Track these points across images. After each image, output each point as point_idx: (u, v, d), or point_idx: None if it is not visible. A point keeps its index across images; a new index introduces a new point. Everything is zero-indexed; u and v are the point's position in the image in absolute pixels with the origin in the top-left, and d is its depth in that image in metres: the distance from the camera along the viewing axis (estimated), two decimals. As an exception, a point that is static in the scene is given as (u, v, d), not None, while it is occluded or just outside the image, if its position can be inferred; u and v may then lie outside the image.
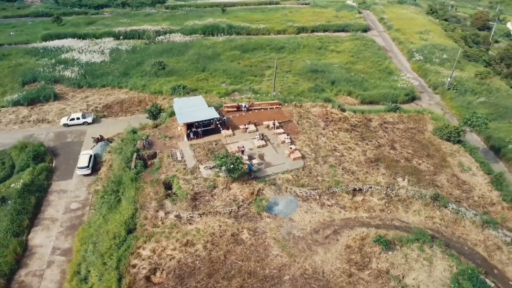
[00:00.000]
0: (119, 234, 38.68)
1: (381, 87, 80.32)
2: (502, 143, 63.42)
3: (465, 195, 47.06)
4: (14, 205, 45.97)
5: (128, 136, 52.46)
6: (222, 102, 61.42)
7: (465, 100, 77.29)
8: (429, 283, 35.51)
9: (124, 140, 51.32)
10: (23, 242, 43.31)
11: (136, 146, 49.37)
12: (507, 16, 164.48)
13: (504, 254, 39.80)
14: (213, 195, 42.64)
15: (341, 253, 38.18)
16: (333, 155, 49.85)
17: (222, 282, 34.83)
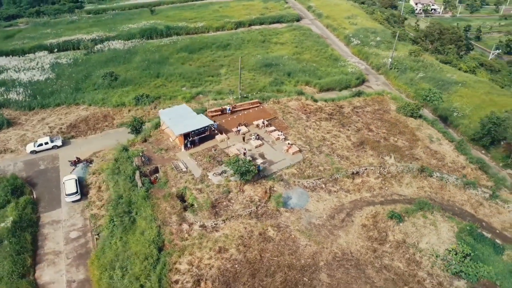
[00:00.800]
0: (150, 254, 38.59)
1: (333, 74, 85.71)
2: (447, 113, 72.11)
3: (441, 163, 53.74)
4: (11, 245, 43.31)
5: (121, 154, 51.11)
6: (203, 108, 61.89)
7: (407, 77, 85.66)
8: (440, 244, 40.87)
9: (119, 160, 49.98)
10: (32, 282, 41.32)
11: (134, 164, 48.49)
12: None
13: (487, 208, 46.76)
14: (229, 200, 43.98)
15: (360, 233, 42.10)
16: (324, 144, 53.58)
17: (267, 280, 36.83)
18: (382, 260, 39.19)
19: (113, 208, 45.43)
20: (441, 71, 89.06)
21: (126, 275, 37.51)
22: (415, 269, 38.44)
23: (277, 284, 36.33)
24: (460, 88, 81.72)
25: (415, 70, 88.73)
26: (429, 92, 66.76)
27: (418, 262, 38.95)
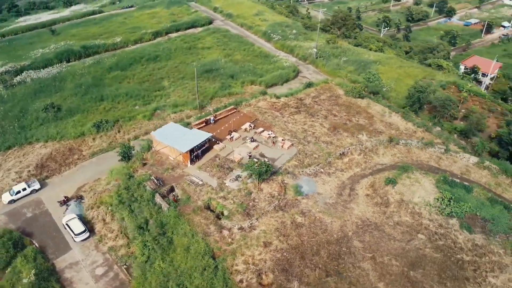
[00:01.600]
0: (207, 264, 41.64)
1: (271, 70, 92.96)
2: (377, 89, 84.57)
3: (398, 132, 64.73)
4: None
5: (127, 183, 51.68)
6: (184, 122, 64.06)
7: (333, 63, 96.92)
8: (428, 195, 51.02)
9: (131, 188, 50.64)
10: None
11: (149, 188, 49.82)
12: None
13: (446, 161, 58.62)
14: (253, 200, 48.55)
15: (367, 202, 50.30)
16: (307, 134, 60.58)
17: (315, 258, 42.83)
18: (392, 219, 47.78)
19: (141, 234, 46.58)
20: (358, 53, 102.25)
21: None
22: (419, 219, 47.81)
23: (325, 259, 42.49)
24: (378, 66, 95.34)
25: (337, 56, 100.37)
26: (369, 75, 77.91)
27: (419, 213, 48.41)
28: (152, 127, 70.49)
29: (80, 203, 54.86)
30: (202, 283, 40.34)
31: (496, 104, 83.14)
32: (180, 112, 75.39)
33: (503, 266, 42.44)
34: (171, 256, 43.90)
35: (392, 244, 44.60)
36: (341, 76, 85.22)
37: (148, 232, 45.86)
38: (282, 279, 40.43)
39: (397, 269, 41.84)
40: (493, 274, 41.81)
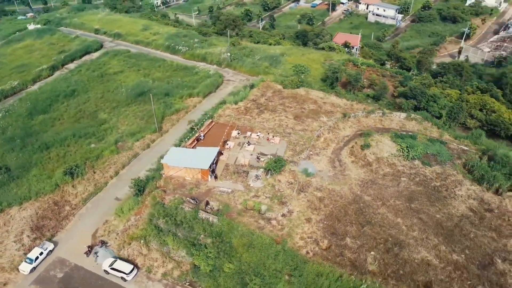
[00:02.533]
0: (276, 250, 50.20)
1: (200, 80, 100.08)
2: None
3: (341, 108, 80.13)
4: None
5: (161, 212, 55.46)
6: (177, 144, 68.13)
7: (249, 62, 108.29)
8: (391, 149, 67.33)
9: (168, 217, 54.56)
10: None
11: (188, 209, 54.81)
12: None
13: (386, 121, 76.17)
14: (279, 190, 58.00)
15: (355, 166, 64.21)
16: (284, 127, 71.42)
17: (347, 217, 54.86)
18: (379, 172, 62.62)
19: (199, 249, 52.16)
20: (264, 50, 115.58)
21: (264, 277, 47.96)
22: (395, 167, 63.66)
23: (353, 216, 54.88)
24: (286, 58, 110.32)
25: (248, 55, 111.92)
26: (299, 67, 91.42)
27: (393, 164, 64.26)
28: (125, 159, 72.73)
29: (106, 247, 56.49)
30: (278, 266, 48.70)
31: (385, 69, 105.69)
32: (142, 139, 78.02)
33: (460, 181, 60.79)
34: (236, 257, 50.72)
35: (389, 190, 59.23)
36: (272, 73, 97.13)
37: (205, 245, 51.34)
38: (334, 240, 51.40)
39: (402, 206, 56.60)
40: (457, 188, 59.71)
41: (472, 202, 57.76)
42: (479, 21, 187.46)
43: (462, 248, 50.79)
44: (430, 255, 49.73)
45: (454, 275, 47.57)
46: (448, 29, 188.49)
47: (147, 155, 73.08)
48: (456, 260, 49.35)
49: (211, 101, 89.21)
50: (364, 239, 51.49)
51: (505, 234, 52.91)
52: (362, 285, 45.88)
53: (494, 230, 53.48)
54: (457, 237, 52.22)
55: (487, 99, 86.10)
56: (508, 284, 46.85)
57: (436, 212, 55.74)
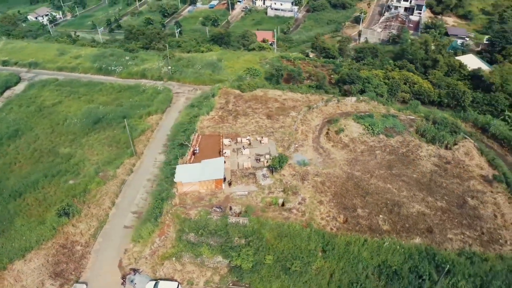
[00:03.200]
0: (308, 234, 57.91)
1: (152, 97, 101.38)
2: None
3: (300, 102, 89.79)
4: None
5: (191, 227, 58.99)
6: (180, 162, 70.54)
7: (191, 71, 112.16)
8: (358, 129, 78.90)
9: (200, 229, 58.32)
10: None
11: (216, 218, 59.34)
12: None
13: (342, 106, 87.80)
14: (286, 183, 65.52)
15: (336, 149, 74.46)
16: (264, 128, 78.43)
17: (350, 193, 64.64)
18: (356, 150, 73.72)
19: (237, 251, 57.45)
20: (201, 58, 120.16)
21: (302, 258, 55.40)
22: (368, 143, 75.36)
23: (354, 190, 64.94)
24: (225, 63, 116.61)
25: (187, 65, 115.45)
26: (252, 71, 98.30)
27: (365, 141, 75.89)
28: (115, 188, 73.54)
29: (140, 273, 58.83)
30: (311, 246, 56.47)
31: (315, 60, 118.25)
32: (122, 165, 78.96)
33: (419, 145, 74.78)
34: (273, 248, 57.24)
35: (371, 163, 70.58)
36: (219, 80, 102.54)
37: (240, 246, 56.71)
38: (348, 213, 60.91)
39: (386, 174, 68.33)
40: (419, 151, 73.46)
41: (434, 159, 71.79)
42: (365, 5, 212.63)
43: (441, 196, 63.96)
44: (422, 207, 61.87)
45: (443, 217, 60.26)
46: (341, 15, 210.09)
47: (134, 180, 74.27)
48: (441, 206, 62.25)
49: (171, 116, 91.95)
50: (369, 207, 61.68)
51: (465, 178, 67.61)
52: (385, 243, 55.82)
53: (457, 177, 67.87)
54: (434, 189, 65.31)
55: (407, 74, 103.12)
56: (481, 214, 60.92)
57: (412, 173, 68.44)
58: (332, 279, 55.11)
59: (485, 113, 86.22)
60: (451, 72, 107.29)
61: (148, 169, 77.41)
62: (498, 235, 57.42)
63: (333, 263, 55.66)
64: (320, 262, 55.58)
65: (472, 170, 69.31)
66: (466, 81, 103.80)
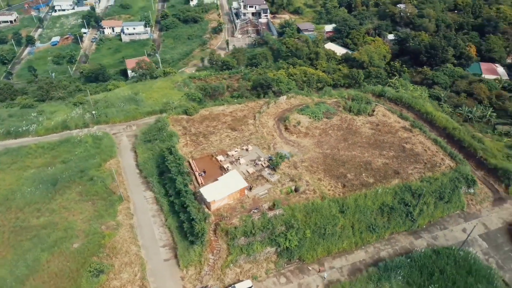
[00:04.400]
0: (329, 206, 74.52)
1: (97, 144, 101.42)
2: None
3: (246, 108, 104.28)
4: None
5: (240, 233, 68.99)
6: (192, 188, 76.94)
7: (114, 111, 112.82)
8: (309, 118, 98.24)
9: (250, 232, 68.72)
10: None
11: (257, 218, 70.68)
12: None
13: (295, 103, 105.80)
14: (289, 175, 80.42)
15: (301, 138, 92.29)
16: (239, 138, 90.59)
17: (334, 166, 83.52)
18: (316, 135, 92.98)
19: (282, 237, 70.55)
20: (116, 96, 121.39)
21: (330, 222, 72.46)
22: (321, 127, 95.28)
23: (336, 163, 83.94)
24: (143, 95, 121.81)
25: (107, 107, 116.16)
26: (192, 95, 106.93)
27: (317, 126, 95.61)
28: (129, 233, 77.00)
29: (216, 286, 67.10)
30: (334, 211, 73.44)
31: (222, 74, 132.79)
32: (119, 213, 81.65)
33: (352, 118, 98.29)
34: (307, 224, 72.18)
35: (331, 141, 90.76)
36: (151, 112, 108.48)
37: (283, 232, 69.87)
38: (342, 180, 79.74)
39: (347, 145, 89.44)
40: (355, 122, 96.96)
41: (367, 125, 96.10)
42: (215, 16, 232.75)
43: (388, 148, 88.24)
44: (382, 159, 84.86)
45: (399, 161, 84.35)
46: (196, 29, 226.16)
47: (141, 220, 78.62)
48: (392, 155, 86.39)
49: (128, 156, 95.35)
50: (352, 171, 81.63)
51: (394, 132, 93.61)
52: (378, 190, 76.44)
53: (389, 133, 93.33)
54: (381, 145, 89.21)
55: (304, 68, 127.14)
56: (418, 152, 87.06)
57: (361, 139, 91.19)
58: (353, 229, 72.94)
59: (375, 84, 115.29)
60: (329, 59, 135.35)
61: (145, 207, 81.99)
62: (434, 161, 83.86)
63: (350, 218, 73.60)
64: (342, 220, 72.83)
65: (394, 125, 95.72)
66: (343, 64, 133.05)
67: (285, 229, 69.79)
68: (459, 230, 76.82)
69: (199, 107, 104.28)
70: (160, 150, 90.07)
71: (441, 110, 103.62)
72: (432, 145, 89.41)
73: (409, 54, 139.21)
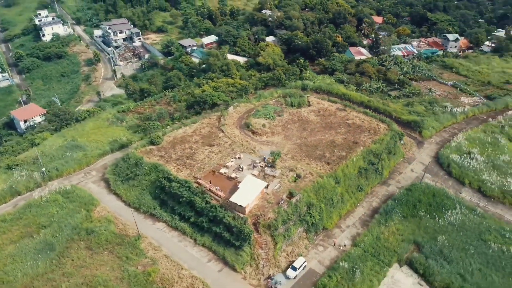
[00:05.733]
0: (328, 176, 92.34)
1: (75, 196, 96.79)
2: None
3: (204, 125, 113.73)
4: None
5: (280, 222, 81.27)
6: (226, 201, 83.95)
7: (57, 165, 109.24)
8: (263, 120, 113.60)
9: (287, 218, 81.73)
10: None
11: (286, 206, 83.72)
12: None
13: (233, 112, 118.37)
14: (286, 167, 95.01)
15: (270, 137, 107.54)
16: (225, 149, 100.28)
17: (309, 151, 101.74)
18: (280, 132, 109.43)
19: (309, 215, 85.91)
20: (50, 149, 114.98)
21: (332, 191, 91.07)
22: (278, 124, 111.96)
23: (310, 148, 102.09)
24: (79, 140, 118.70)
25: (51, 160, 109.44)
26: (150, 124, 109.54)
27: (276, 124, 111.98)
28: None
29: (274, 276, 79.16)
30: (332, 184, 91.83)
31: (149, 101, 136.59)
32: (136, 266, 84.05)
33: (298, 111, 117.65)
34: (319, 199, 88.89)
35: (295, 133, 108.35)
36: (100, 153, 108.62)
37: (307, 212, 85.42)
38: (324, 159, 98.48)
39: (308, 132, 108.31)
40: (302, 113, 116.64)
41: (312, 113, 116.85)
42: (80, 48, 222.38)
43: (338, 127, 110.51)
44: (339, 136, 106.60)
45: (351, 134, 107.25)
46: (66, 64, 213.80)
47: (174, 249, 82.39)
48: (345, 130, 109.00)
49: (110, 198, 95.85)
50: (326, 150, 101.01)
51: (333, 114, 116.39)
52: (353, 159, 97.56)
53: (330, 115, 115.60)
54: (333, 126, 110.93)
55: (226, 80, 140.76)
56: (359, 125, 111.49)
57: (315, 125, 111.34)
58: (348, 193, 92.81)
59: (294, 80, 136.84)
60: (238, 69, 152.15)
61: (166, 236, 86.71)
62: (374, 128, 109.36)
63: (345, 185, 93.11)
64: (339, 189, 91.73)
65: (330, 108, 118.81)
66: (252, 69, 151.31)
67: (307, 209, 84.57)
68: (409, 171, 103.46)
69: (161, 135, 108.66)
70: (152, 183, 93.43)
71: (351, 90, 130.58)
72: (365, 117, 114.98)
73: (298, 51, 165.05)
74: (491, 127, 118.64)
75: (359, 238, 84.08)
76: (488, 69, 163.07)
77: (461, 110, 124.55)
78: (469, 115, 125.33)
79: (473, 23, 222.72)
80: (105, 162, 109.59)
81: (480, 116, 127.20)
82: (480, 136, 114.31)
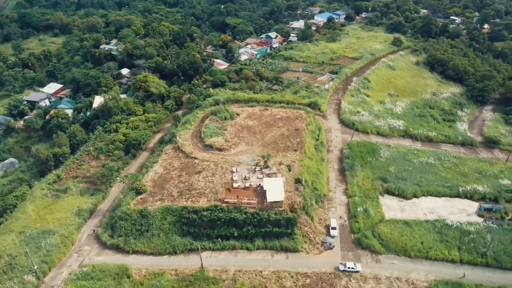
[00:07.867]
0: (310, 163, 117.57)
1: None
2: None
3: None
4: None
5: (308, 205, 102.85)
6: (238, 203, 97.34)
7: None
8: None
9: (314, 202, 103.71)
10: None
11: (302, 189, 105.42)
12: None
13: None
14: (275, 163, 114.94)
15: (230, 143, 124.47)
16: (217, 162, 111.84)
17: (283, 145, 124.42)
18: (238, 136, 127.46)
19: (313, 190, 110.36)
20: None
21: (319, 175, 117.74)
22: (234, 129, 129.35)
23: (274, 144, 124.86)
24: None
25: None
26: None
27: (229, 130, 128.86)
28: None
29: (326, 239, 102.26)
30: (316, 165, 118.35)
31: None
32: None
33: (236, 118, 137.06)
34: (312, 178, 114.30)
35: (246, 135, 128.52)
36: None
37: (310, 189, 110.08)
38: (292, 147, 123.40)
39: (259, 131, 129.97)
40: (239, 119, 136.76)
41: (248, 119, 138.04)
42: None
43: (275, 123, 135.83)
44: (283, 129, 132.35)
45: (286, 124, 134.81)
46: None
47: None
48: (283, 124, 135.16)
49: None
50: (287, 141, 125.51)
51: (265, 115, 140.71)
52: (306, 142, 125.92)
53: (261, 116, 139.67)
54: (271, 123, 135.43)
55: (139, 118, 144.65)
56: (286, 115, 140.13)
57: (259, 126, 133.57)
58: (318, 165, 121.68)
59: (202, 100, 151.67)
60: (136, 105, 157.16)
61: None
62: (301, 116, 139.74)
63: (315, 160, 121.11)
64: (315, 164, 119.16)
65: (256, 112, 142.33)
66: (148, 101, 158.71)
67: (312, 185, 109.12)
68: (335, 137, 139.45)
69: (143, 183, 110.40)
70: (173, 225, 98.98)
71: (253, 93, 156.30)
72: (284, 109, 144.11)
73: (175, 75, 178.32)
74: (353, 92, 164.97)
75: (348, 192, 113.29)
76: (310, 53, 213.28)
77: (329, 86, 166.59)
78: (334, 88, 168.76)
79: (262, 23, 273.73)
80: (88, 234, 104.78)
81: (339, 86, 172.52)
82: (352, 99, 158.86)
